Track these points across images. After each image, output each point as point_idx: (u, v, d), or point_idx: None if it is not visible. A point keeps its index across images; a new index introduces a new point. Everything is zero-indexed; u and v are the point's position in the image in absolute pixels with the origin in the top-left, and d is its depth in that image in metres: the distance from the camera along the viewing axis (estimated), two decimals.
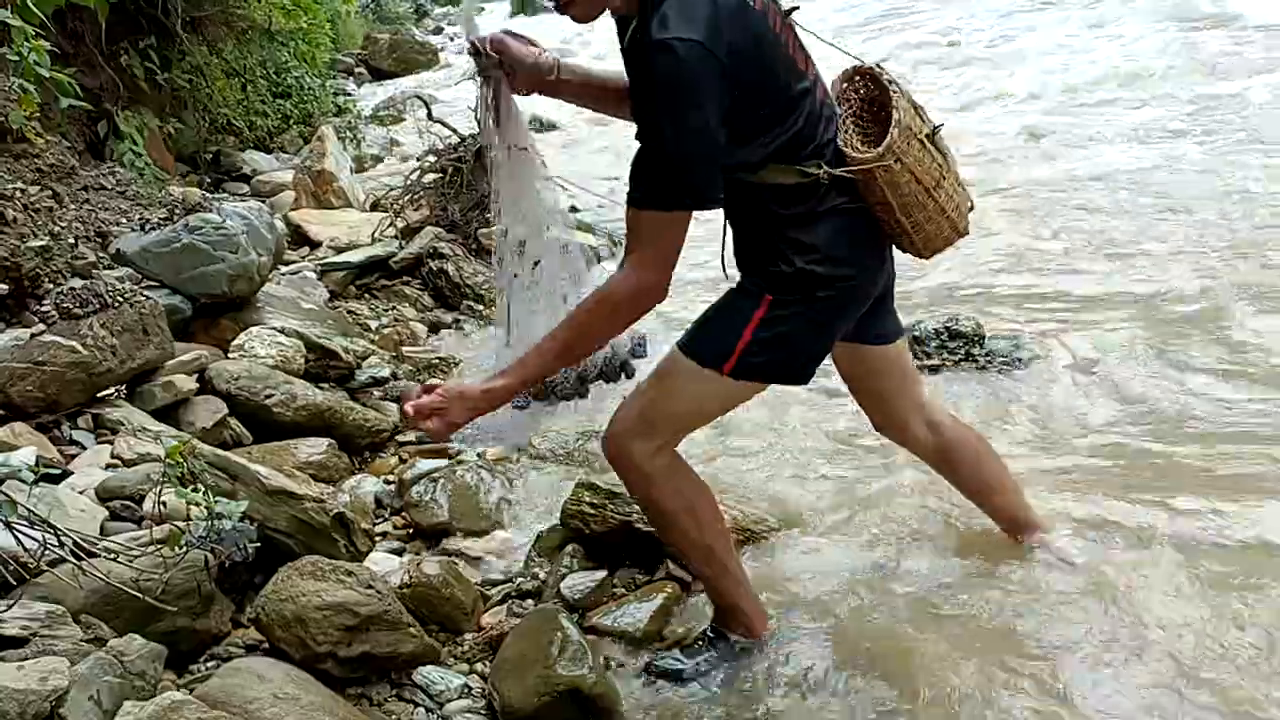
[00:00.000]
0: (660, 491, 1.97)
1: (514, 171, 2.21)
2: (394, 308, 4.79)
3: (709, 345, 1.91)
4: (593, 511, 2.46)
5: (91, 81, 5.48)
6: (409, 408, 1.81)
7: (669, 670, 2.09)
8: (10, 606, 1.78)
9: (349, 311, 4.62)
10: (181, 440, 2.20)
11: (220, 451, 2.36)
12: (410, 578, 2.24)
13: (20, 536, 1.84)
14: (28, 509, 1.82)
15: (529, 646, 2.01)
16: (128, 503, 2.22)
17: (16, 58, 1.85)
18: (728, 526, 2.16)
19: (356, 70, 15.71)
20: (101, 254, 4.02)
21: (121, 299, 2.52)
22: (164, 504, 2.05)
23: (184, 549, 1.91)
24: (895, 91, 1.86)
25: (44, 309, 2.57)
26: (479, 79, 2.11)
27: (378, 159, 8.16)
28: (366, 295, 4.92)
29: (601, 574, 2.37)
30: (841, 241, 1.86)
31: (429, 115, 5.14)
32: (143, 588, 1.89)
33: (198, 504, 1.89)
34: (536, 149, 2.23)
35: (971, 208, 2.00)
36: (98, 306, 2.49)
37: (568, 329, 1.82)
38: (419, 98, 5.37)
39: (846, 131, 1.90)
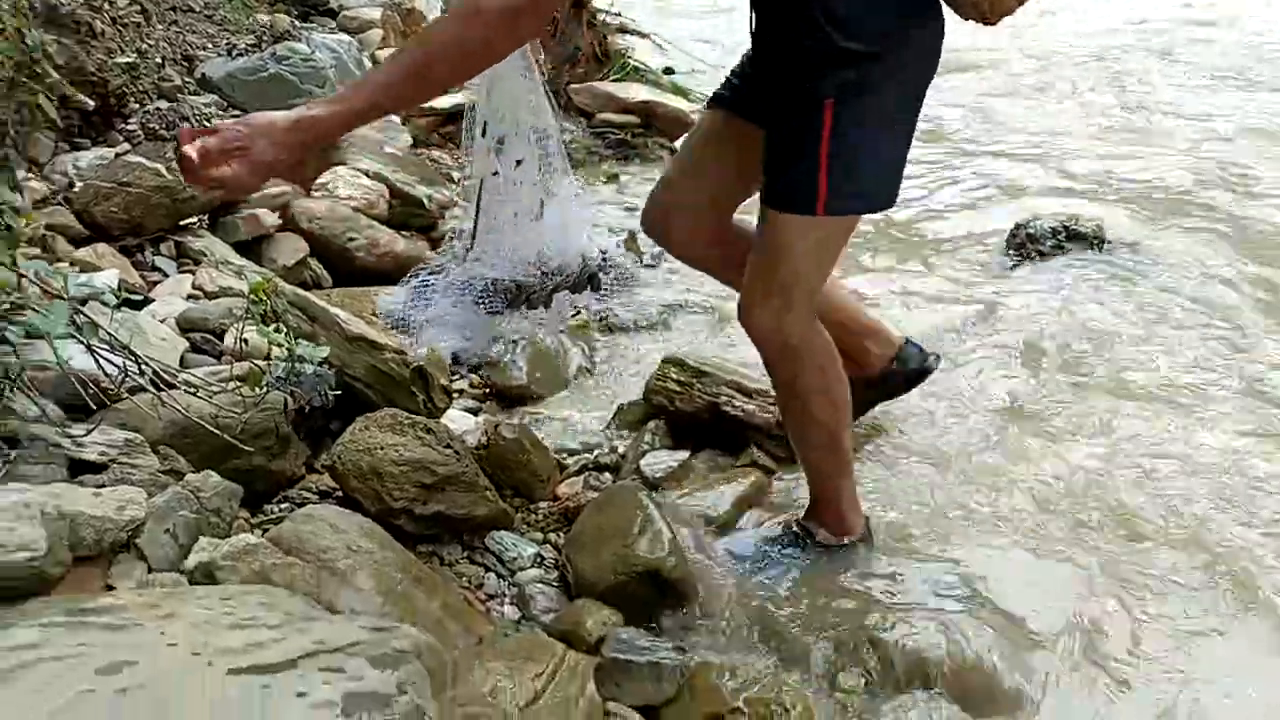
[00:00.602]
0: (805, 367, 1.84)
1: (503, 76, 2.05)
2: None
3: (794, 190, 1.72)
4: (678, 389, 2.35)
5: None
6: (190, 151, 1.35)
7: (746, 557, 2.01)
8: (90, 431, 1.75)
9: (431, 160, 4.49)
10: (264, 277, 2.12)
11: (301, 291, 2.28)
12: (487, 439, 2.17)
13: (101, 361, 1.79)
14: (110, 334, 1.76)
15: (607, 522, 1.94)
16: (208, 336, 2.16)
17: None
18: None
19: None
20: (187, 78, 3.92)
21: (208, 124, 2.41)
22: (245, 341, 1.99)
23: (264, 390, 1.84)
24: None
25: (130, 128, 2.47)
26: None
27: None
28: (450, 144, 4.78)
29: (684, 454, 2.28)
30: (886, 5, 1.64)
31: None
32: (221, 424, 1.84)
33: (279, 345, 1.81)
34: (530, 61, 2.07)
35: None
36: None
37: (421, 46, 1.47)
38: None
39: None
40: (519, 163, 2.15)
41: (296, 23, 3.82)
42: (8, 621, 1.21)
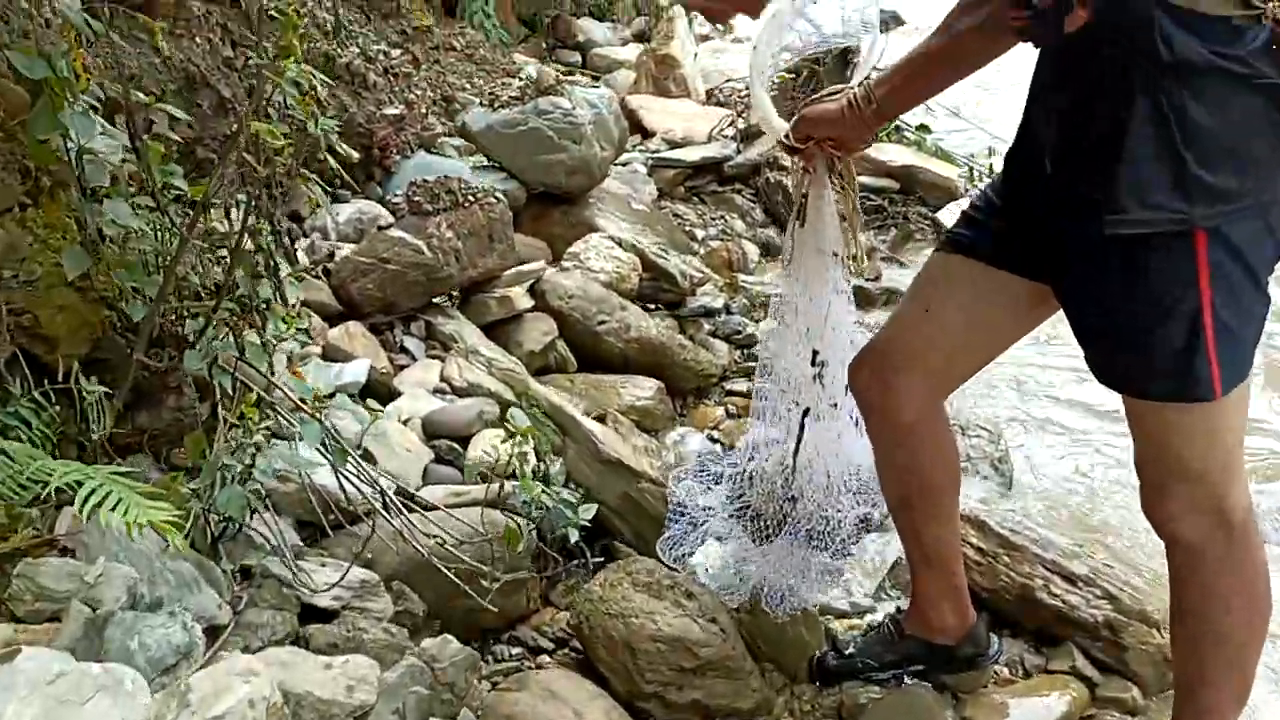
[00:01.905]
0: (1231, 569, 1.38)
1: (812, 279, 1.69)
2: (722, 217, 4.38)
3: (1170, 373, 1.27)
4: (978, 560, 1.95)
5: None
6: None
7: None
8: (324, 564, 1.56)
9: (675, 215, 4.26)
10: (523, 402, 1.90)
11: (555, 399, 2.05)
12: (750, 604, 1.84)
13: (346, 484, 1.60)
14: (356, 462, 1.56)
15: None
16: (453, 445, 1.96)
17: None
18: None
19: None
20: (446, 120, 3.85)
21: (473, 199, 2.24)
22: (489, 473, 1.76)
23: (519, 551, 1.59)
24: None
25: (395, 200, 2.33)
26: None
27: (706, 38, 7.68)
28: (695, 199, 4.54)
29: None
30: (1265, 137, 1.18)
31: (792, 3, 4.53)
32: (459, 566, 1.61)
33: (542, 493, 1.56)
34: (844, 256, 1.71)
35: None
36: (448, 205, 2.22)
37: None
38: None
39: None
40: (835, 405, 1.82)
41: (562, 76, 3.66)
42: None
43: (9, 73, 1.40)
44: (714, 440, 2.62)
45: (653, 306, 3.13)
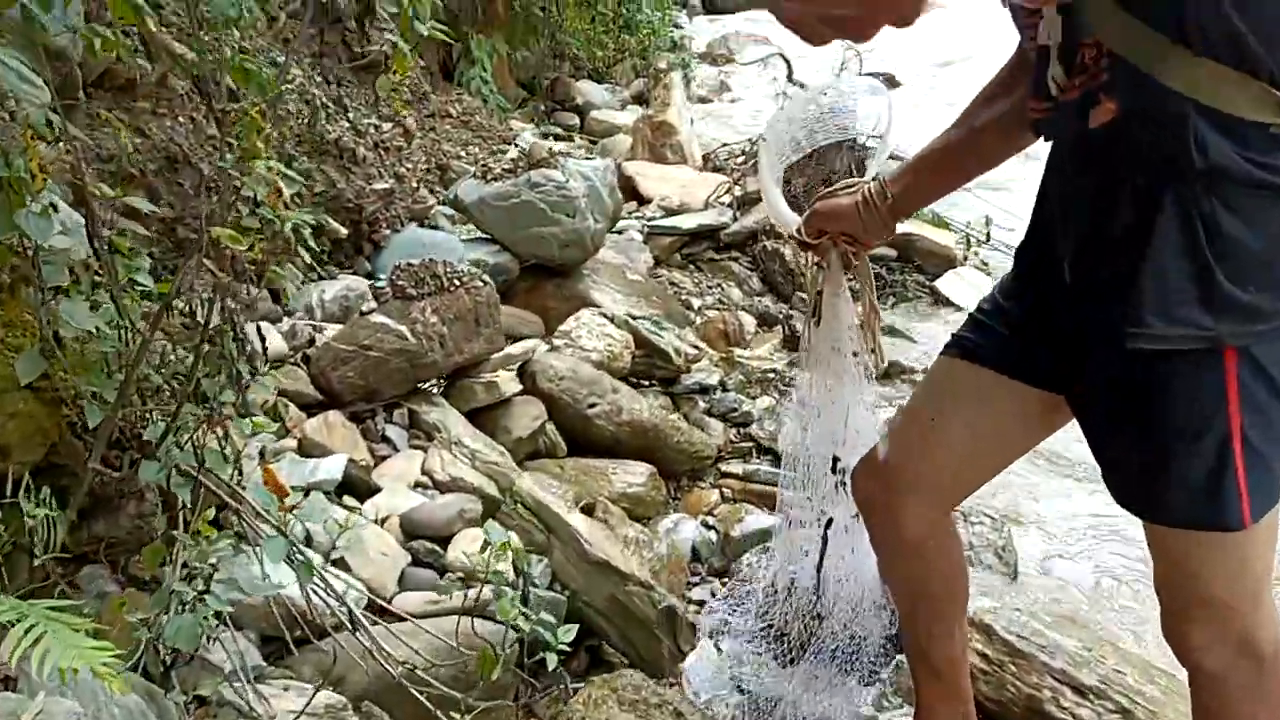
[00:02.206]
0: (1260, 698, 1.27)
1: (828, 379, 1.63)
2: (719, 285, 4.34)
3: (1194, 500, 1.16)
4: (983, 668, 1.85)
5: (454, 3, 5.36)
6: None
7: None
8: (287, 688, 1.46)
9: (672, 283, 4.21)
10: (507, 499, 1.81)
11: (540, 495, 1.96)
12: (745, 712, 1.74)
13: (314, 598, 1.51)
14: (323, 577, 1.46)
15: None
16: (433, 547, 1.86)
17: (395, 9, 1.46)
18: None
19: (691, 2, 15.33)
20: (439, 188, 3.82)
21: (459, 282, 2.17)
22: (466, 578, 1.67)
23: (494, 678, 1.49)
24: None
25: (379, 285, 2.27)
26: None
27: (704, 100, 7.70)
28: (692, 266, 4.50)
29: None
30: None
31: (789, 76, 4.54)
32: (432, 691, 1.51)
33: (514, 618, 1.47)
34: (863, 356, 1.65)
35: None
36: (433, 289, 2.15)
37: None
38: (782, 57, 4.77)
39: None
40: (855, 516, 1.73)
41: (555, 149, 3.63)
42: None
43: None
44: (708, 527, 2.53)
45: (646, 383, 3.06)
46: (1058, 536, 2.60)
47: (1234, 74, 1.01)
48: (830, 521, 1.71)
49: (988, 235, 4.77)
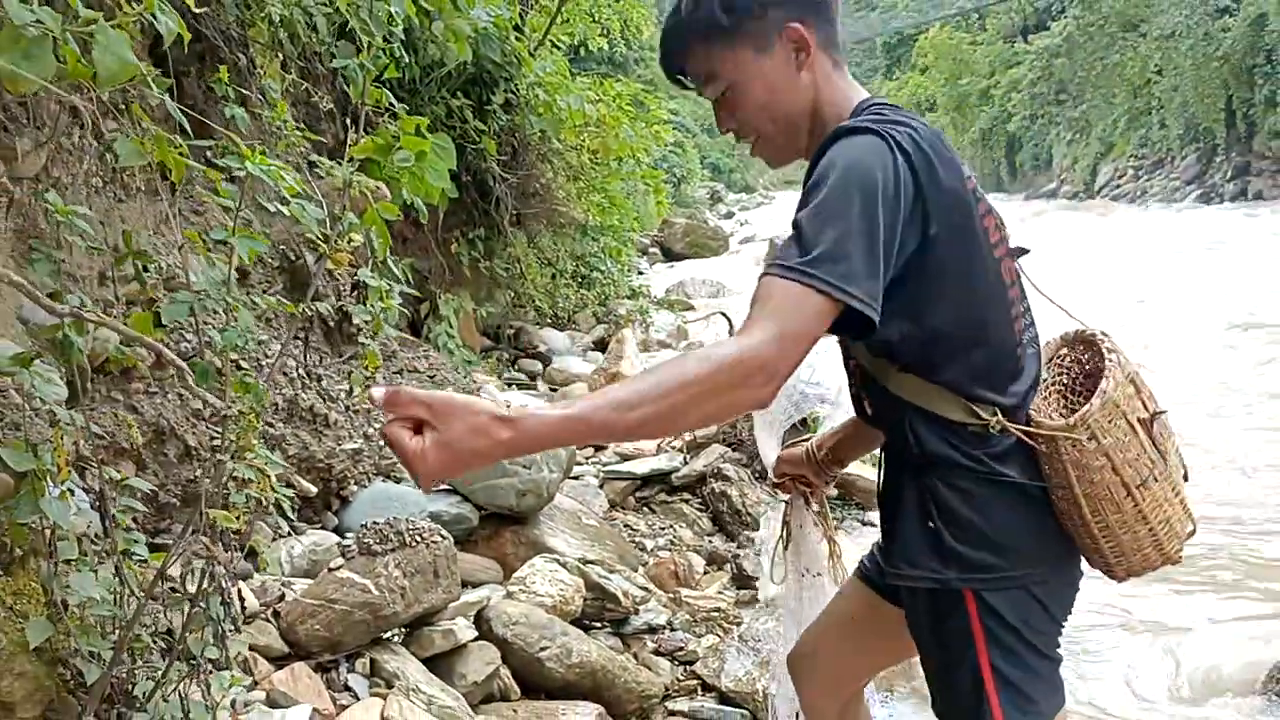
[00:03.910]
0: None
1: (803, 598, 1.94)
2: (671, 526, 4.57)
3: (960, 713, 1.43)
4: None
5: (422, 265, 5.86)
6: (383, 396, 1.06)
7: None
8: None
9: (627, 525, 4.45)
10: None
11: None
12: None
13: None
14: None
15: None
16: None
17: (369, 317, 1.79)
18: None
19: (650, 250, 16.37)
20: None
21: (419, 538, 2.40)
22: None
23: None
24: (1113, 363, 1.44)
25: (345, 542, 2.49)
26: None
27: (665, 345, 8.22)
28: (645, 509, 4.75)
29: None
30: (1015, 526, 1.39)
31: (730, 332, 5.01)
32: None
33: None
34: (833, 574, 1.94)
35: (1192, 532, 1.47)
36: (396, 545, 2.38)
37: (677, 387, 1.10)
38: (724, 315, 5.27)
39: (1048, 398, 1.51)
40: None
41: (513, 403, 3.94)
42: None
43: None
44: None
45: (598, 625, 3.23)
46: None
47: (931, 385, 1.36)
48: None
49: None
